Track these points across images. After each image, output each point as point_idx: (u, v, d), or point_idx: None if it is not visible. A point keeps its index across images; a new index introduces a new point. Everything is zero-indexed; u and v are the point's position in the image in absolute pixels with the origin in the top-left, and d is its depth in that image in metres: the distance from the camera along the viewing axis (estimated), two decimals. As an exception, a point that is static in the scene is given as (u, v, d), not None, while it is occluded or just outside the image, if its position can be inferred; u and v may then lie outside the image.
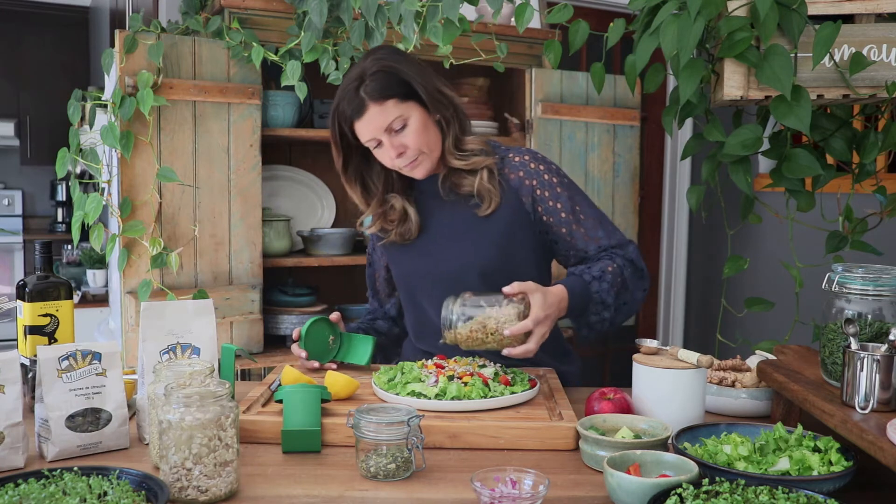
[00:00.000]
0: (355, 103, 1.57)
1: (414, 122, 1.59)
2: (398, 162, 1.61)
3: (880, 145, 1.77)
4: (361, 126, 1.59)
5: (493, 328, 1.43)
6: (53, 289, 1.45)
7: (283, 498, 1.09)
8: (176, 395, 1.07)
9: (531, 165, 1.68)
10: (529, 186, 1.66)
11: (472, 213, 1.66)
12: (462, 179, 1.66)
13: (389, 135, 1.59)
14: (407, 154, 1.60)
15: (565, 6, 1.90)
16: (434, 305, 1.68)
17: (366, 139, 1.60)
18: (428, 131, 1.61)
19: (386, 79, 1.57)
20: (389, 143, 1.59)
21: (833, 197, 2.09)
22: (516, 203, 1.66)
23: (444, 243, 1.68)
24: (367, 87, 1.56)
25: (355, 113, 1.58)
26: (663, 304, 4.31)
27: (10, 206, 5.80)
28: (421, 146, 1.60)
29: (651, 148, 4.14)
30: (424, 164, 1.63)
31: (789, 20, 1.56)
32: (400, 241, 1.73)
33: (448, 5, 2.11)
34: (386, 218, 1.73)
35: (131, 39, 2.31)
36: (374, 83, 1.56)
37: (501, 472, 1.07)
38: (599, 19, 2.97)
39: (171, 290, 2.38)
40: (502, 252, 1.65)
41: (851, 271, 1.25)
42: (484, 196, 1.64)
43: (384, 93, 1.56)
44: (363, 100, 1.56)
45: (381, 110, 1.57)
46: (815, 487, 1.02)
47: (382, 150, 1.61)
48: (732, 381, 1.50)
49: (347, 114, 1.59)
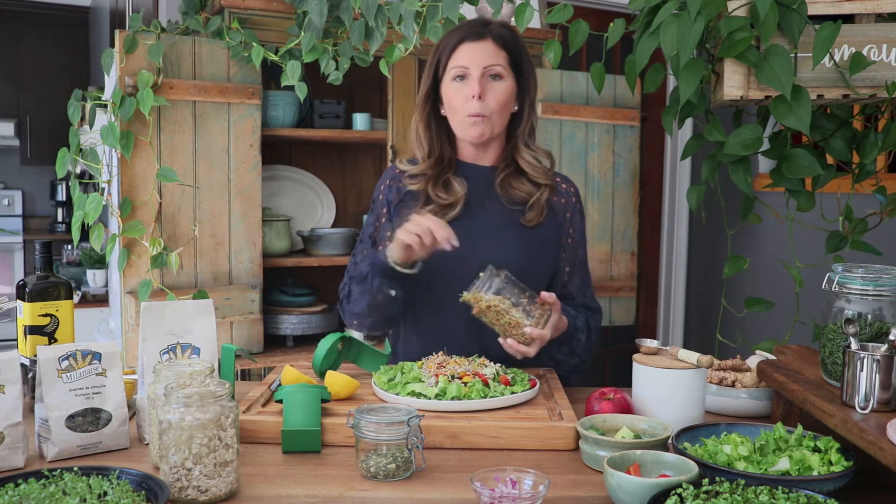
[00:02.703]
0: (476, 30, 1.62)
1: (506, 85, 1.63)
2: (469, 104, 1.61)
3: (880, 145, 1.77)
4: (468, 49, 1.61)
5: (514, 317, 1.48)
6: (53, 289, 1.45)
7: (283, 498, 1.09)
8: (176, 395, 1.07)
9: (573, 199, 1.75)
10: (566, 215, 1.73)
11: (515, 218, 1.68)
12: (521, 184, 1.68)
13: (482, 76, 1.60)
14: (482, 102, 1.61)
15: (565, 6, 1.90)
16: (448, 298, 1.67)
17: (460, 63, 1.61)
18: (507, 105, 1.65)
19: (511, 38, 1.65)
20: (477, 81, 1.60)
21: (833, 197, 2.09)
22: (554, 223, 1.71)
23: (479, 240, 1.67)
24: (494, 29, 1.63)
25: (471, 35, 1.61)
26: (663, 304, 4.31)
27: (10, 206, 5.80)
28: (496, 108, 1.62)
29: (651, 148, 4.14)
30: (486, 126, 1.63)
31: (789, 20, 1.56)
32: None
33: (448, 5, 2.11)
34: (436, 183, 1.67)
35: (131, 39, 2.31)
36: (502, 31, 1.64)
37: (501, 472, 1.07)
38: (599, 19, 2.97)
39: (171, 290, 2.38)
40: (531, 261, 1.68)
41: (851, 271, 1.25)
42: (534, 208, 1.68)
43: (507, 43, 1.63)
44: (485, 33, 1.62)
45: (494, 50, 1.61)
46: (815, 487, 1.02)
47: (464, 84, 1.61)
48: (732, 381, 1.50)
49: (461, 35, 1.62)
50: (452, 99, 1.63)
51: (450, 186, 1.67)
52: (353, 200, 3.23)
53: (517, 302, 1.49)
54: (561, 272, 1.74)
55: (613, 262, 3.14)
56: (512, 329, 1.49)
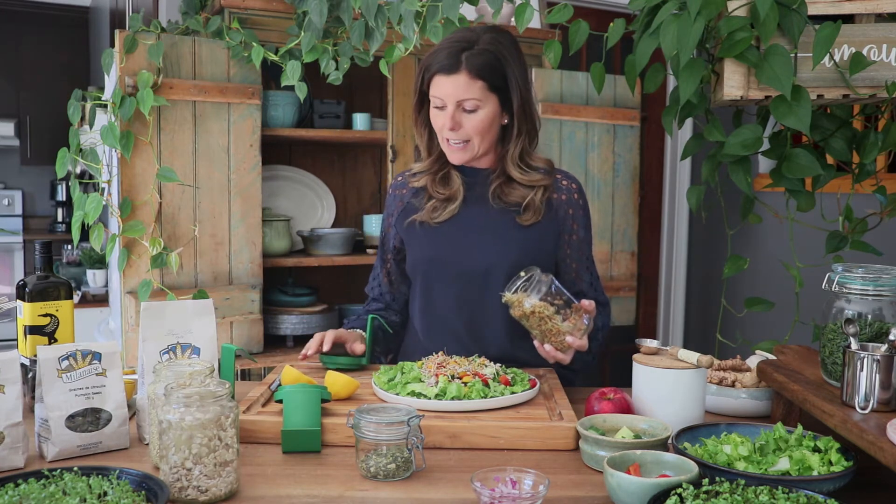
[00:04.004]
0: (451, 60, 1.59)
1: (483, 114, 1.61)
2: (446, 133, 1.63)
3: (880, 145, 1.77)
4: (442, 82, 1.60)
5: (557, 325, 1.48)
6: (53, 289, 1.45)
7: (283, 498, 1.09)
8: (176, 395, 1.07)
9: (575, 195, 1.73)
10: (567, 212, 1.71)
11: (512, 218, 1.68)
12: (513, 190, 1.68)
13: (457, 107, 1.60)
14: (458, 133, 1.62)
15: (565, 6, 1.90)
16: (447, 296, 1.69)
17: (436, 94, 1.62)
18: (491, 128, 1.64)
19: (492, 62, 1.60)
20: (452, 113, 1.61)
21: (833, 197, 2.09)
22: (553, 220, 1.70)
23: (476, 237, 1.68)
24: (471, 58, 1.59)
25: (445, 68, 1.60)
26: (663, 304, 4.30)
27: (10, 206, 5.80)
28: (475, 136, 1.63)
29: (651, 148, 4.14)
30: (466, 152, 1.65)
31: (789, 20, 1.56)
32: (429, 219, 1.70)
33: (448, 5, 2.11)
34: (435, 178, 1.71)
35: (131, 39, 2.31)
36: (480, 59, 1.59)
37: (501, 472, 1.07)
38: (599, 19, 2.97)
39: (171, 290, 2.38)
40: (531, 260, 1.66)
41: (851, 271, 1.25)
42: (529, 208, 1.67)
43: (481, 73, 1.59)
44: (460, 63, 1.59)
45: (467, 84, 1.59)
46: (815, 487, 1.02)
47: (441, 114, 1.63)
48: (732, 381, 1.50)
49: (436, 65, 1.61)
50: (434, 121, 1.66)
51: (448, 180, 1.71)
52: (353, 200, 3.23)
53: (559, 309, 1.48)
54: (569, 269, 1.74)
55: (613, 262, 3.14)
56: (552, 336, 1.48)
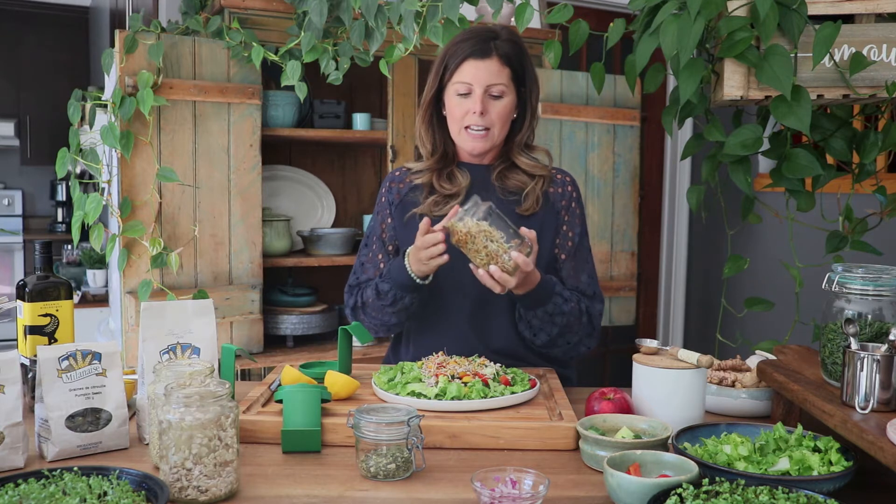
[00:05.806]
0: (481, 47, 1.63)
1: (507, 101, 1.66)
2: (472, 118, 1.65)
3: (880, 145, 1.77)
4: (472, 67, 1.63)
5: (501, 244, 1.47)
6: (53, 289, 1.45)
7: (283, 498, 1.09)
8: (176, 395, 1.07)
9: (569, 188, 1.77)
10: (562, 205, 1.75)
11: (512, 208, 1.70)
12: (516, 175, 1.73)
13: (484, 94, 1.64)
14: (485, 118, 1.65)
15: (565, 6, 1.90)
16: (446, 288, 1.70)
17: (464, 80, 1.64)
18: (508, 118, 1.69)
19: (517, 52, 1.67)
20: (480, 97, 1.63)
21: (833, 197, 2.09)
22: (551, 212, 1.73)
23: None
24: (500, 45, 1.65)
25: (477, 52, 1.63)
26: (663, 304, 4.30)
27: (10, 206, 5.80)
28: (497, 121, 1.66)
29: (651, 148, 4.14)
30: (487, 140, 1.68)
31: (789, 20, 1.56)
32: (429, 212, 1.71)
33: (448, 5, 2.11)
34: (440, 175, 1.74)
35: (131, 39, 2.31)
36: (508, 47, 1.65)
37: (501, 472, 1.07)
38: (599, 19, 2.97)
39: (171, 290, 2.38)
40: None
41: (851, 271, 1.25)
42: (530, 197, 1.71)
43: (510, 60, 1.65)
44: (491, 49, 1.63)
45: (498, 69, 1.64)
46: (815, 487, 1.02)
47: (465, 101, 1.65)
48: (732, 381, 1.50)
49: (467, 50, 1.63)
50: (454, 109, 1.68)
51: (454, 177, 1.74)
52: (352, 200, 3.23)
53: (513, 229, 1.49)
54: (556, 258, 1.76)
55: (613, 261, 3.14)
56: (498, 257, 1.47)
